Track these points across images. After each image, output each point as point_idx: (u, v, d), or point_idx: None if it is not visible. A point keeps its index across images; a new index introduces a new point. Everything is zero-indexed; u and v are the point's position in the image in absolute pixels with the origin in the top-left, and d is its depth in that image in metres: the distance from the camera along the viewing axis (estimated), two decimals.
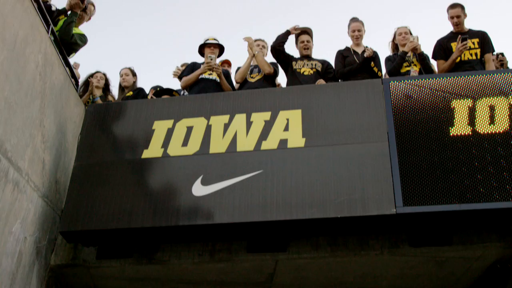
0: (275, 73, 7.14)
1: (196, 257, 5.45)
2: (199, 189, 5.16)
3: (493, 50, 6.75)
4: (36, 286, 5.30)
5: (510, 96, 5.23)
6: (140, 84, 7.71)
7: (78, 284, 5.99)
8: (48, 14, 5.75)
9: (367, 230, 5.23)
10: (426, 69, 6.66)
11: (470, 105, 5.25)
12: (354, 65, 6.76)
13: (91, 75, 7.51)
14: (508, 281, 5.46)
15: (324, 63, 6.95)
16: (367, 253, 5.30)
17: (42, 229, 5.35)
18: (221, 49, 7.17)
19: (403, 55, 6.67)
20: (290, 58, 6.96)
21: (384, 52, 10.72)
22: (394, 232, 5.25)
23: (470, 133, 5.10)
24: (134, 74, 7.70)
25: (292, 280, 5.81)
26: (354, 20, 7.16)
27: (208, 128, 5.53)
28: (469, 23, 6.92)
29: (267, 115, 5.50)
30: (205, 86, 6.71)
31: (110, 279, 5.91)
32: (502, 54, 7.32)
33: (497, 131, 5.07)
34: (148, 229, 5.15)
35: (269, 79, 7.01)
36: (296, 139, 5.31)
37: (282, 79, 7.72)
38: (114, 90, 7.73)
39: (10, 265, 4.75)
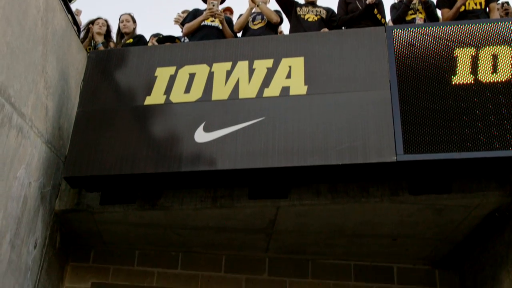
0: (281, 21, 7.07)
1: (198, 203, 5.51)
2: (201, 136, 5.18)
3: None
4: (41, 230, 5.40)
5: None
6: (138, 31, 7.65)
7: (82, 229, 6.10)
8: None
9: (368, 177, 5.27)
10: (431, 17, 6.60)
11: (473, 54, 5.21)
12: (356, 12, 6.69)
13: (92, 22, 7.44)
14: (505, 229, 5.53)
15: (329, 10, 6.87)
16: (367, 200, 5.36)
17: (46, 175, 5.41)
18: None
19: (408, 3, 6.60)
20: (294, 4, 6.88)
21: None
22: (394, 179, 5.29)
23: (472, 81, 5.08)
24: (134, 21, 7.61)
25: (293, 227, 5.89)
26: None
27: (211, 75, 5.51)
28: None
29: (269, 63, 5.47)
30: (207, 33, 6.66)
31: (114, 224, 6.01)
32: (507, 3, 7.24)
33: (499, 80, 5.05)
34: (150, 175, 5.18)
35: (272, 27, 6.94)
36: (298, 87, 5.30)
37: (284, 27, 7.66)
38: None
39: (16, 209, 4.82)
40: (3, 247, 4.62)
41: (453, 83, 5.10)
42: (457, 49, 5.25)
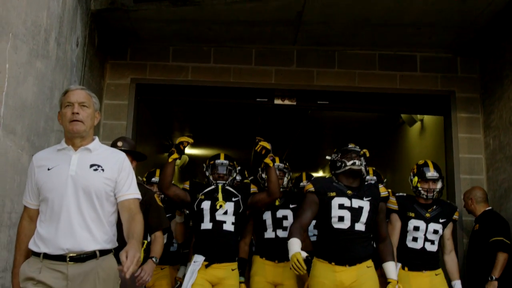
0: None
1: None
2: None
3: None
4: (81, 29, 5.65)
5: None
6: None
7: (118, 28, 6.36)
8: None
9: None
10: None
11: None
12: None
13: None
14: None
15: None
16: None
17: None
18: None
19: None
20: None
21: None
22: None
23: None
24: None
25: (319, 18, 6.04)
26: None
27: None
28: None
29: None
30: None
31: (148, 22, 6.24)
32: None
33: None
34: None
35: None
36: None
37: None
38: None
39: (57, 8, 5.03)
40: (50, 44, 4.91)
41: None
42: None
